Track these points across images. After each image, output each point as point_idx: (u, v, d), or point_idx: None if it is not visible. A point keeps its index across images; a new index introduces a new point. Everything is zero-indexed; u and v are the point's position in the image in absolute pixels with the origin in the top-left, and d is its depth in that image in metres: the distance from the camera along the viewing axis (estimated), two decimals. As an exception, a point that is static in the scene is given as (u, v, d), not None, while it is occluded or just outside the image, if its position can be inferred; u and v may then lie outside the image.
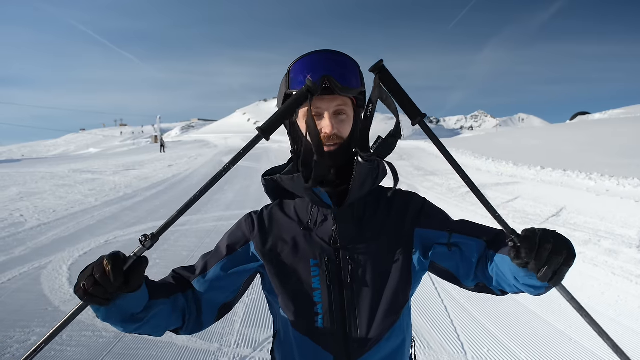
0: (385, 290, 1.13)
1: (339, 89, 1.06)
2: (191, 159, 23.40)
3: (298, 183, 1.12)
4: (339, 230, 1.14)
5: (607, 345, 0.89)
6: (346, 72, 1.09)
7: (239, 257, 1.18)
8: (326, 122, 1.09)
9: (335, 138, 1.10)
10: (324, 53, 1.10)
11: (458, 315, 3.87)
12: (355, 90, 1.11)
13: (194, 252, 5.93)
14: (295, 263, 1.14)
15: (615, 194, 8.72)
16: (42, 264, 5.52)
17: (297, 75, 1.09)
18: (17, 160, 31.16)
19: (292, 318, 1.14)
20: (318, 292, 1.12)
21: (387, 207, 1.21)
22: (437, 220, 1.19)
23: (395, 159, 18.84)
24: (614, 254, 5.27)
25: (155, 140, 66.36)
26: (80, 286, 0.89)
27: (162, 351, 3.37)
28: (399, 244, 1.16)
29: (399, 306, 1.15)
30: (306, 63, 1.09)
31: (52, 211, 9.16)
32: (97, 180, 14.60)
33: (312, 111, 1.07)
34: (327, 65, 1.07)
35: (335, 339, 1.11)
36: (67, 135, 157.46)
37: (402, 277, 1.15)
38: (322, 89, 1.05)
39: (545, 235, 0.84)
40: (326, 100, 1.09)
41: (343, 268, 1.13)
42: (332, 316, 1.11)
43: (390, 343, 1.14)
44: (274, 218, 1.21)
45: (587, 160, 13.22)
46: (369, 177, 1.14)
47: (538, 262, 0.83)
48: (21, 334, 3.66)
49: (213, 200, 9.99)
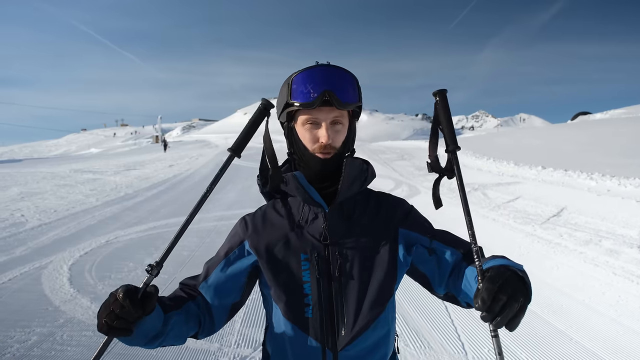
0: (370, 283, 1.21)
1: (339, 104, 1.15)
2: (192, 159, 23.43)
3: (290, 182, 1.21)
4: (329, 228, 1.21)
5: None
6: (346, 87, 1.17)
7: (236, 257, 1.27)
8: (323, 132, 1.17)
9: (330, 147, 1.19)
10: (326, 68, 1.17)
11: (458, 315, 3.87)
12: (353, 104, 1.19)
13: (194, 252, 5.94)
14: (286, 257, 1.21)
15: (617, 194, 8.71)
16: (42, 264, 5.53)
17: (299, 86, 1.16)
18: (18, 160, 31.21)
19: (283, 308, 1.21)
20: (308, 285, 1.19)
21: (376, 208, 1.30)
22: (421, 226, 1.28)
23: (396, 159, 18.85)
24: (615, 254, 5.26)
25: (156, 140, 66.44)
26: (103, 323, 0.95)
27: (163, 351, 3.37)
28: (385, 240, 1.24)
29: (384, 299, 1.22)
30: (309, 76, 1.16)
31: (53, 211, 9.17)
32: (98, 180, 14.63)
33: (309, 120, 1.18)
34: (328, 80, 1.15)
35: (324, 329, 1.19)
36: (68, 135, 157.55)
37: (388, 271, 1.22)
38: (322, 101, 1.14)
39: (503, 286, 0.88)
40: (324, 111, 1.17)
41: (332, 263, 1.20)
42: (321, 307, 1.19)
43: (375, 333, 1.21)
44: (267, 217, 1.29)
45: (588, 160, 13.20)
46: (358, 178, 1.23)
47: (491, 314, 0.86)
48: (22, 333, 3.67)
49: (214, 199, 10.00)
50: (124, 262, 5.55)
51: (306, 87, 1.15)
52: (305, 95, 1.14)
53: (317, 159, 1.20)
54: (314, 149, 1.20)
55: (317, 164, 1.20)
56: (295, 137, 1.23)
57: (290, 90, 1.18)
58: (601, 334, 3.49)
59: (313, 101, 1.13)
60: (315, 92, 1.13)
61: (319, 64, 1.18)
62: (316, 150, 1.19)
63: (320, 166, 1.20)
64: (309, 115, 1.17)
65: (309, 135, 1.19)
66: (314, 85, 1.14)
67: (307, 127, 1.19)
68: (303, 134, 1.20)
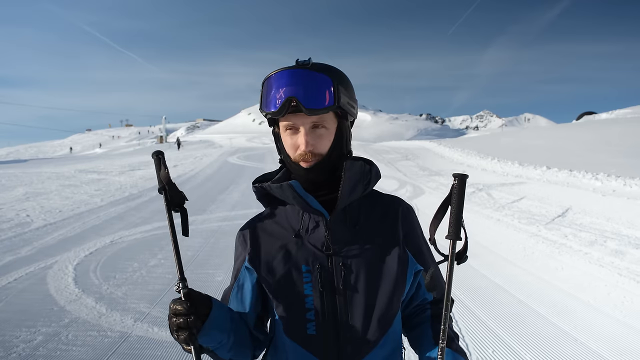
0: (378, 296, 1.11)
1: (305, 110, 1.03)
2: (196, 159, 23.47)
3: (287, 191, 1.10)
4: (331, 237, 1.12)
5: None
6: (314, 91, 1.04)
7: (244, 277, 1.19)
8: (301, 139, 1.07)
9: (312, 155, 1.08)
10: (292, 71, 1.06)
11: (463, 316, 3.86)
12: (325, 109, 1.05)
13: (198, 253, 5.95)
14: (287, 270, 1.12)
15: (622, 194, 8.66)
16: (48, 264, 5.56)
17: (268, 92, 1.07)
18: (23, 161, 31.38)
19: (284, 324, 1.13)
20: (310, 299, 1.10)
21: (383, 212, 1.20)
22: (420, 252, 1.21)
23: (401, 159, 18.82)
24: (620, 254, 5.23)
25: (161, 140, 66.65)
26: (177, 337, 0.98)
27: (167, 351, 3.38)
28: (393, 249, 1.15)
29: (393, 313, 1.13)
30: (275, 81, 1.06)
31: (58, 211, 9.22)
32: (103, 180, 14.69)
33: (288, 126, 1.08)
34: (294, 84, 1.04)
35: (327, 347, 1.09)
36: (73, 135, 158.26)
37: (397, 283, 1.13)
38: (290, 107, 1.03)
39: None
40: (300, 116, 1.06)
41: (335, 274, 1.11)
42: (325, 323, 1.09)
43: (383, 350, 1.12)
44: (264, 228, 1.21)
45: (593, 160, 13.14)
46: (360, 182, 1.14)
47: None
48: (27, 333, 3.69)
49: (218, 200, 10.02)
50: (128, 262, 5.57)
51: (273, 92, 1.05)
52: (272, 102, 1.05)
53: (300, 167, 1.10)
54: (295, 157, 1.10)
55: (300, 173, 1.11)
56: (280, 143, 1.15)
57: (262, 96, 1.09)
58: (606, 335, 3.47)
59: (279, 109, 1.04)
60: (280, 98, 1.03)
61: (297, 64, 1.07)
62: (297, 158, 1.09)
63: (305, 175, 1.10)
64: (287, 121, 1.08)
65: (290, 141, 1.10)
66: (279, 91, 1.04)
67: (287, 133, 1.10)
68: (285, 140, 1.11)
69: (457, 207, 1.03)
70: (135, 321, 3.88)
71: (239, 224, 1.29)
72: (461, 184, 1.03)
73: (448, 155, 19.05)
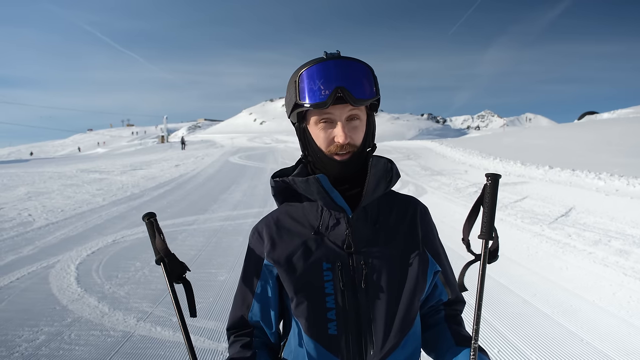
0: (402, 295, 1.09)
1: (354, 101, 1.02)
2: (198, 158, 23.48)
3: (312, 185, 1.07)
4: (352, 234, 1.09)
5: None
6: (361, 81, 1.04)
7: (264, 275, 1.17)
8: (339, 131, 1.05)
9: (349, 147, 1.06)
10: (337, 61, 1.04)
11: (468, 315, 3.84)
12: (370, 100, 1.05)
13: (201, 252, 5.94)
14: (307, 268, 1.09)
15: (625, 193, 8.63)
16: (50, 263, 5.56)
17: (308, 84, 1.03)
18: (25, 160, 31.42)
19: (304, 324, 1.09)
20: (331, 298, 1.07)
21: (402, 211, 1.19)
22: (437, 253, 1.21)
23: (402, 159, 18.79)
24: (624, 254, 5.20)
25: (162, 140, 66.72)
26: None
27: (170, 351, 3.37)
28: (413, 249, 1.13)
29: (414, 313, 1.11)
30: (318, 71, 1.03)
31: (60, 211, 9.22)
32: (105, 180, 14.69)
33: (322, 119, 1.06)
34: (340, 75, 1.02)
35: (349, 347, 1.07)
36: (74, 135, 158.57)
37: (418, 282, 1.11)
38: (335, 98, 1.01)
39: None
40: (338, 107, 1.04)
41: (357, 273, 1.08)
42: (346, 323, 1.07)
43: (404, 351, 1.10)
44: (281, 224, 1.17)
45: (596, 159, 13.10)
46: (383, 179, 1.12)
47: None
48: (30, 332, 3.68)
49: (220, 199, 10.01)
50: (130, 262, 5.55)
51: (316, 84, 1.02)
52: (316, 93, 1.01)
53: (334, 161, 1.07)
54: (330, 150, 1.07)
55: (335, 167, 1.08)
56: (309, 138, 1.11)
57: (298, 88, 1.05)
58: (612, 335, 3.45)
59: (325, 100, 1.00)
60: (326, 89, 1.00)
61: (328, 55, 1.04)
62: (332, 151, 1.07)
63: (338, 169, 1.08)
64: (322, 114, 1.05)
65: (323, 135, 1.06)
66: (324, 82, 1.01)
67: (320, 126, 1.06)
68: (317, 134, 1.08)
69: (490, 207, 1.04)
70: (138, 321, 3.87)
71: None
72: (494, 184, 1.03)
73: (450, 155, 19.02)
